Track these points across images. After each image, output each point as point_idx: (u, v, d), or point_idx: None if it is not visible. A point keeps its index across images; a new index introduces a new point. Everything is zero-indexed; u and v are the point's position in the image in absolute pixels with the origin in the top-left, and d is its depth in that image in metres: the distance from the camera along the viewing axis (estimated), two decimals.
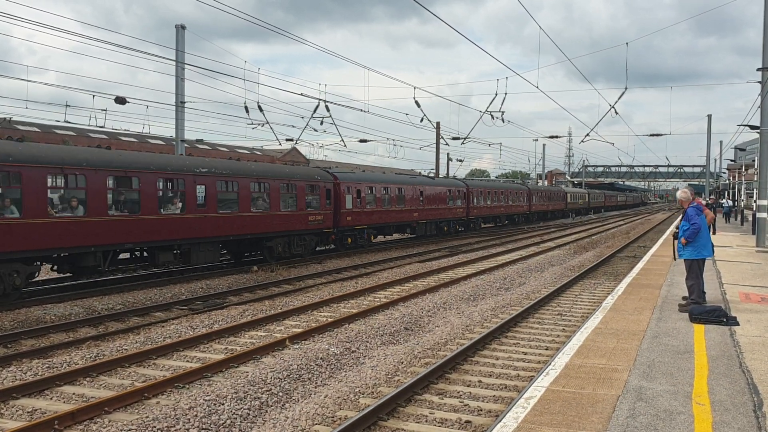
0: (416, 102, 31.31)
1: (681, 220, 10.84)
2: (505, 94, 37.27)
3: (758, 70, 22.55)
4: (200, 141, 41.05)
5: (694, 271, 10.48)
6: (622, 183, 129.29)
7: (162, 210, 17.38)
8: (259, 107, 26.61)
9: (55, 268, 15.97)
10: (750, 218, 34.97)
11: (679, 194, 11.11)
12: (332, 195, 25.18)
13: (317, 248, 25.40)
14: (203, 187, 18.83)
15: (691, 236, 10.30)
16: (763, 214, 23.32)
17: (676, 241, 10.80)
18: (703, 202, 12.54)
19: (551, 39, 22.64)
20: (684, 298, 11.08)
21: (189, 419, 7.20)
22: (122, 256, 17.87)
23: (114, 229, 15.83)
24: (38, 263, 15.12)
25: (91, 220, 15.21)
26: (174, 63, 23.79)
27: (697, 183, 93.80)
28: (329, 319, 12.85)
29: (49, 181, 14.43)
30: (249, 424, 7.28)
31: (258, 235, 20.99)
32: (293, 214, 22.64)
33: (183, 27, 23.76)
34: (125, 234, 16.18)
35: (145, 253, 18.01)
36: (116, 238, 15.94)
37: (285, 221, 22.17)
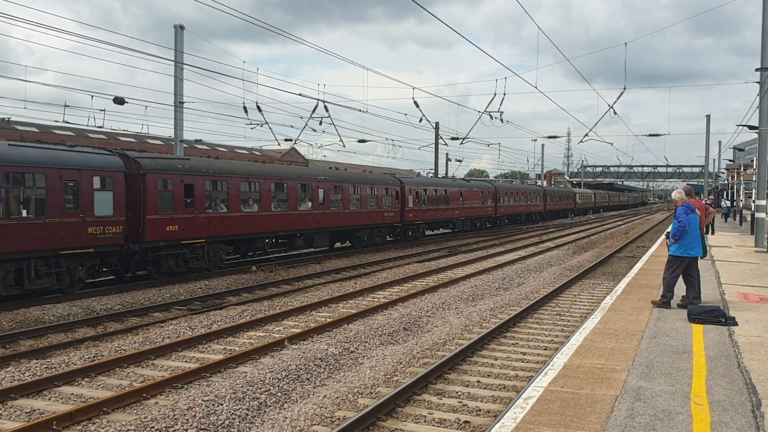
0: (415, 102, 31.31)
1: None
2: (504, 94, 37.27)
3: (757, 70, 22.57)
4: (199, 141, 40.99)
5: (672, 266, 10.68)
6: (620, 183, 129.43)
7: (299, 207, 23.55)
8: (258, 107, 26.59)
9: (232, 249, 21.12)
10: (749, 218, 35.00)
11: (674, 194, 11.27)
12: (399, 196, 31.27)
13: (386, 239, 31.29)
14: (322, 190, 25.03)
15: (677, 234, 10.50)
16: (762, 214, 23.33)
17: (667, 240, 10.98)
18: (703, 202, 12.58)
19: (550, 39, 22.63)
20: (683, 297, 11.15)
21: (187, 419, 7.20)
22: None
23: (274, 221, 22.15)
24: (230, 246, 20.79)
25: (262, 214, 21.46)
26: (173, 63, 23.78)
27: (696, 183, 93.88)
28: (328, 320, 12.84)
29: (242, 186, 20.68)
30: (247, 424, 7.28)
31: (353, 227, 27.30)
32: (375, 212, 28.92)
33: (182, 27, 23.75)
34: (280, 225, 22.47)
35: (285, 240, 23.79)
36: (275, 228, 22.27)
37: (370, 217, 28.44)
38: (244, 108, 26.53)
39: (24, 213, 14.16)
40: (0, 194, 13.57)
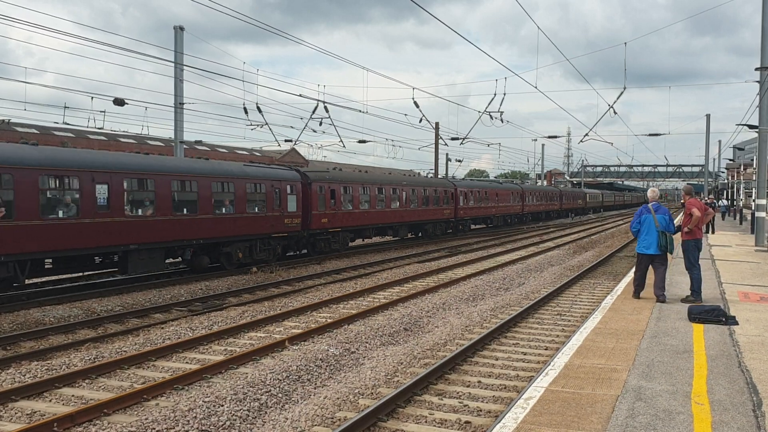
0: (415, 102, 31.31)
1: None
2: (504, 94, 37.32)
3: (756, 69, 22.56)
4: (199, 142, 41.02)
5: (636, 261, 11.90)
6: (621, 183, 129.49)
7: (391, 206, 30.52)
8: (258, 108, 26.59)
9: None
10: (749, 217, 34.98)
11: (648, 192, 12.33)
12: (453, 197, 37.88)
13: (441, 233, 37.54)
14: (405, 193, 32.12)
15: (633, 232, 11.75)
16: (762, 214, 23.33)
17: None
18: (702, 202, 12.74)
19: (549, 39, 22.62)
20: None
21: (188, 421, 7.20)
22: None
23: (377, 216, 29.32)
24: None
25: (371, 211, 28.65)
26: (172, 64, 23.78)
27: (696, 182, 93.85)
28: (329, 320, 12.84)
29: (360, 191, 27.80)
30: (248, 425, 7.28)
31: (421, 221, 34.19)
32: (437, 209, 35.79)
33: (182, 28, 23.75)
34: (380, 219, 29.65)
35: (381, 231, 30.88)
36: (378, 221, 29.47)
37: (433, 213, 35.33)
38: (245, 109, 26.55)
39: (255, 210, 21.24)
40: (246, 197, 20.76)
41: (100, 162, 15.98)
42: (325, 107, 28.02)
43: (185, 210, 18.21)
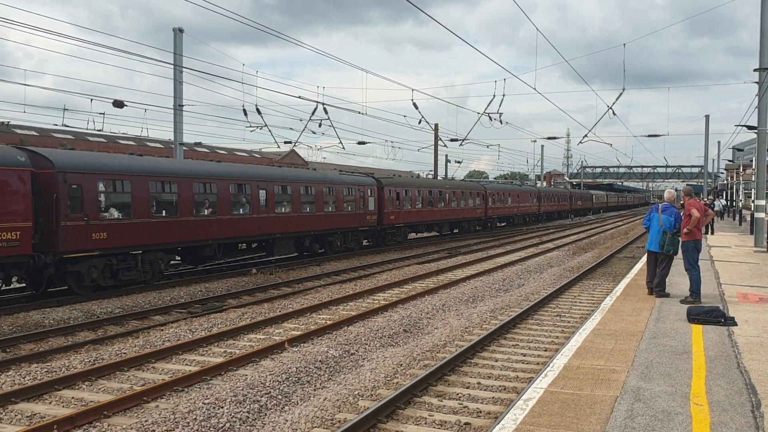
0: (414, 104, 31.34)
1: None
2: (503, 95, 37.37)
3: (755, 70, 22.58)
4: (199, 144, 40.99)
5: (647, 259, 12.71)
6: (620, 184, 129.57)
7: (438, 206, 36.04)
8: (258, 110, 26.62)
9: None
10: (748, 218, 35.00)
11: (666, 193, 12.72)
12: (484, 197, 43.58)
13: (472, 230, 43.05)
14: (447, 195, 37.35)
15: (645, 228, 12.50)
16: (761, 214, 23.36)
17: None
18: (702, 203, 12.88)
19: (548, 40, 22.65)
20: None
21: (188, 423, 7.21)
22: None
23: (430, 214, 35.03)
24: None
25: (424, 210, 34.22)
26: (172, 66, 23.80)
27: (695, 183, 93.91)
28: (328, 322, 12.85)
29: (417, 193, 33.72)
30: (248, 427, 7.28)
31: (460, 219, 39.88)
32: (472, 208, 41.34)
33: (181, 30, 23.77)
34: (433, 217, 35.59)
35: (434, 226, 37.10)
36: (431, 219, 35.35)
37: (469, 212, 40.84)
38: (244, 111, 26.58)
39: (349, 209, 26.78)
40: (343, 199, 26.26)
41: (259, 173, 22.19)
42: (325, 109, 28.05)
43: (307, 209, 24.12)
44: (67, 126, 25.92)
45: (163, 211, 17.79)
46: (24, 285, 16.47)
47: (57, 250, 14.71)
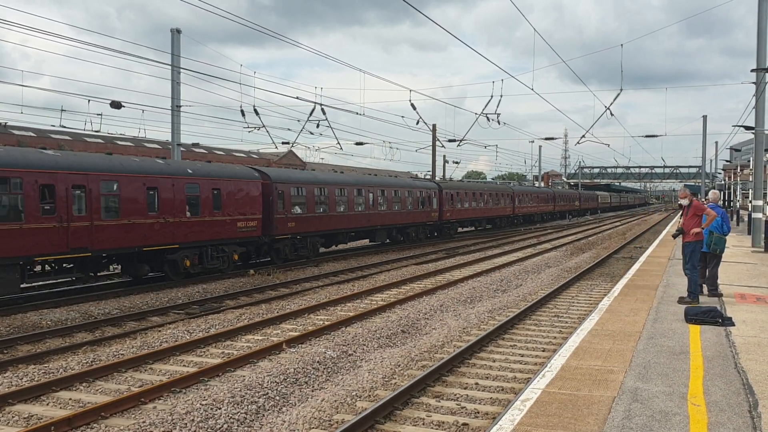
0: (412, 105, 31.36)
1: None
2: (501, 96, 37.32)
3: (752, 71, 22.61)
4: (196, 145, 40.93)
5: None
6: (618, 184, 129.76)
7: (478, 205, 42.95)
8: (255, 110, 26.60)
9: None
10: (746, 218, 35.04)
11: (710, 194, 13.90)
12: (512, 198, 50.85)
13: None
14: (485, 195, 44.34)
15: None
16: (759, 215, 23.39)
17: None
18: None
19: (545, 41, 22.66)
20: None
21: (186, 424, 7.20)
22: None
23: (470, 213, 41.35)
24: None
25: (467, 209, 40.55)
26: (169, 67, 23.78)
27: (693, 183, 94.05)
28: (326, 323, 12.84)
29: (465, 195, 40.78)
30: (246, 428, 7.28)
31: (493, 216, 46.69)
32: (502, 207, 48.38)
33: (179, 31, 23.75)
34: (471, 214, 41.49)
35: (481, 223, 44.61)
36: (470, 216, 41.62)
37: (500, 211, 47.49)
38: (242, 111, 26.55)
39: (409, 208, 32.76)
40: (418, 199, 33.79)
41: (364, 181, 29.75)
42: (322, 109, 28.05)
43: (395, 207, 31.17)
44: (65, 127, 25.87)
45: (321, 208, 25.22)
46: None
47: (272, 233, 21.95)
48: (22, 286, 14.72)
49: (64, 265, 15.51)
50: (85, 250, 15.37)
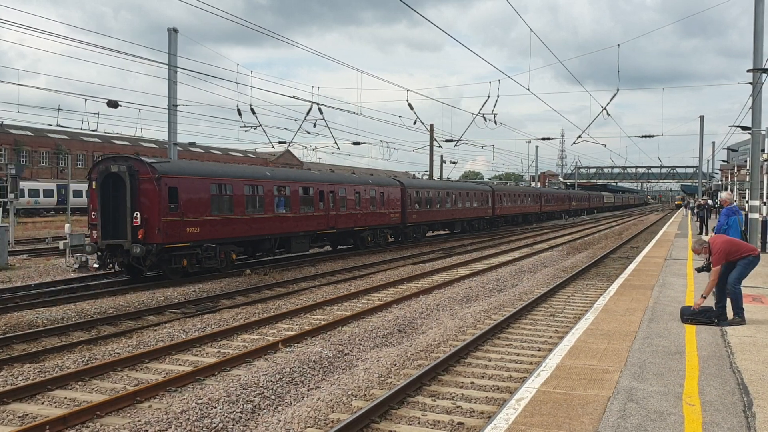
0: (409, 104, 31.39)
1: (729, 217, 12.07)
2: (497, 96, 37.27)
3: (749, 71, 22.63)
4: (193, 144, 40.98)
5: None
6: (615, 184, 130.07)
7: (520, 204, 54.86)
8: (252, 110, 26.60)
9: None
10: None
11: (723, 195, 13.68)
12: (539, 198, 59.09)
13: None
14: (522, 194, 55.49)
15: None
16: (755, 215, 23.43)
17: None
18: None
19: (542, 41, 22.67)
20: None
21: (181, 423, 7.19)
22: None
23: (513, 209, 52.36)
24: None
25: (512, 206, 52.06)
26: (166, 66, 23.75)
27: (690, 183, 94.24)
28: (322, 322, 12.84)
29: (503, 194, 51.25)
30: (241, 427, 7.27)
31: (528, 213, 55.91)
32: (531, 206, 56.97)
33: (175, 30, 23.71)
34: (513, 211, 52.53)
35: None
36: (513, 212, 52.63)
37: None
38: (238, 110, 26.54)
39: (475, 205, 42.30)
40: (476, 198, 42.63)
41: (445, 185, 38.83)
42: (319, 109, 28.07)
43: (448, 205, 37.69)
44: (62, 126, 25.85)
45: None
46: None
47: (406, 222, 32.17)
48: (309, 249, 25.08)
49: (325, 238, 26.06)
50: (333, 228, 25.82)
